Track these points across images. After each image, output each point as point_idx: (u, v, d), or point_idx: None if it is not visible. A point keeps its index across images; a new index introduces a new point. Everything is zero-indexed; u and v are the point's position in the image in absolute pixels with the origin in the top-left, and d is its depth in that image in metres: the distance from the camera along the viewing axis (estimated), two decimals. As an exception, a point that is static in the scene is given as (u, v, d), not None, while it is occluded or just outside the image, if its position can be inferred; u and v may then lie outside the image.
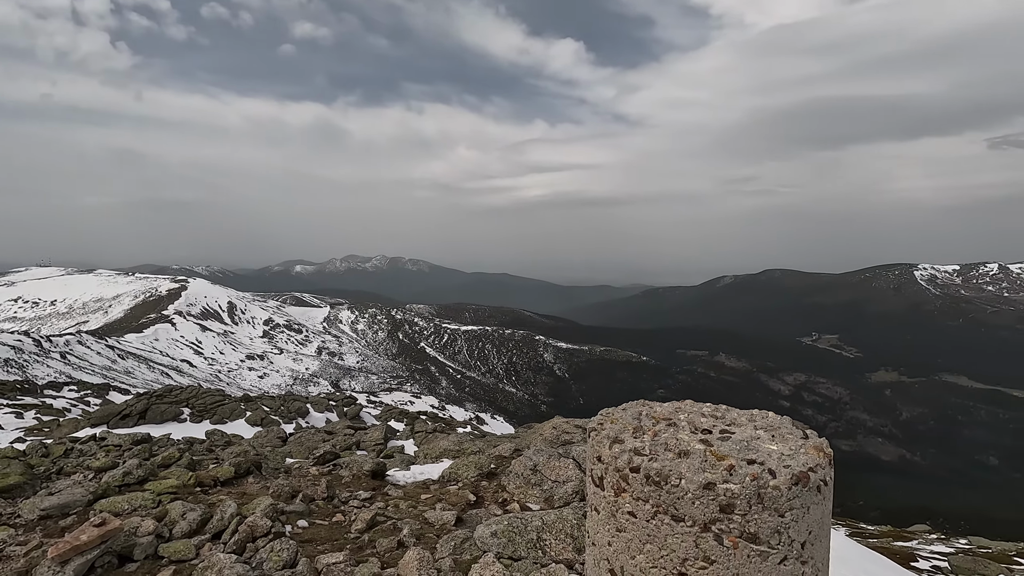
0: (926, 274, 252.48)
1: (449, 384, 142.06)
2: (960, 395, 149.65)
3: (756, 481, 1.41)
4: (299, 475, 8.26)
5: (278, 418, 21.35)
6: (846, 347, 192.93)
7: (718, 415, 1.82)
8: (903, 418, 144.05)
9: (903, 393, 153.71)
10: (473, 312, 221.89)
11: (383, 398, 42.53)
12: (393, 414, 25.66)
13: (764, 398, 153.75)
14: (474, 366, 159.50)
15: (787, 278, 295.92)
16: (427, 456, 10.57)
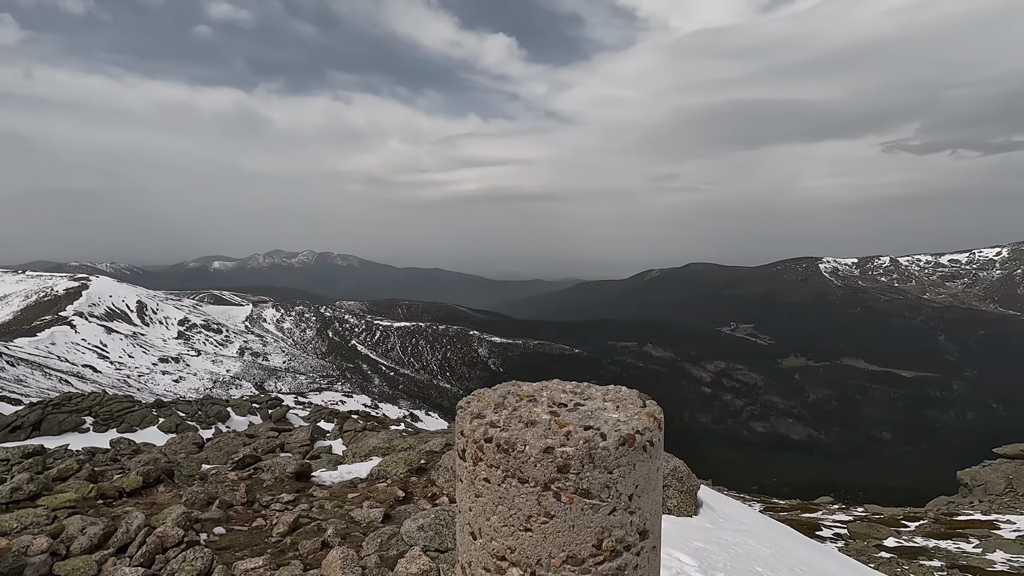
0: (829, 267, 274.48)
1: (382, 382, 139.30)
2: (858, 377, 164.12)
3: (588, 444, 1.66)
4: (216, 481, 7.84)
5: (195, 424, 20.13)
6: (760, 335, 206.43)
7: (578, 391, 1.97)
8: (810, 400, 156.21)
9: (810, 377, 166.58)
10: (406, 308, 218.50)
11: (312, 398, 41.08)
12: (322, 414, 24.87)
13: (688, 385, 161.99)
14: (408, 363, 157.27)
15: (708, 271, 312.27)
16: (356, 455, 10.34)
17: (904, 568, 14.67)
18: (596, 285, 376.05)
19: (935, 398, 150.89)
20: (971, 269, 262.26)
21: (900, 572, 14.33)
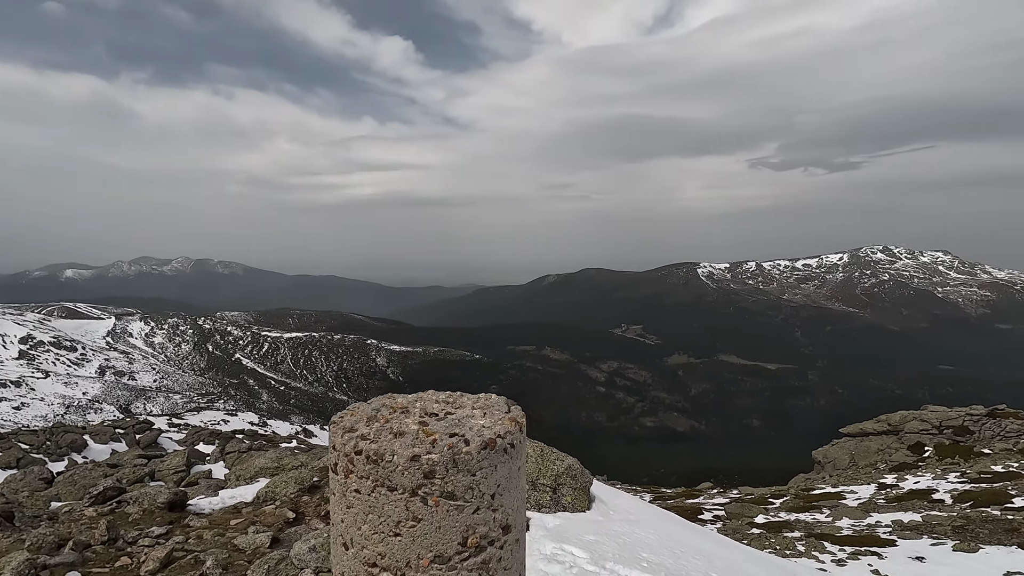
0: (706, 271, 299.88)
1: (271, 397, 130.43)
2: (732, 371, 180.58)
3: (452, 450, 1.78)
4: (69, 520, 6.90)
5: (42, 456, 17.56)
6: (648, 335, 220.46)
7: (450, 401, 2.06)
8: (692, 394, 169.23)
9: (692, 373, 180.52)
10: (297, 318, 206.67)
11: (189, 420, 37.50)
12: (201, 436, 22.77)
13: (584, 385, 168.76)
14: (300, 375, 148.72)
15: (601, 276, 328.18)
16: (240, 478, 9.60)
17: (771, 540, 16.34)
18: (495, 290, 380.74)
19: (794, 387, 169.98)
20: (820, 272, 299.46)
21: (767, 544, 15.94)
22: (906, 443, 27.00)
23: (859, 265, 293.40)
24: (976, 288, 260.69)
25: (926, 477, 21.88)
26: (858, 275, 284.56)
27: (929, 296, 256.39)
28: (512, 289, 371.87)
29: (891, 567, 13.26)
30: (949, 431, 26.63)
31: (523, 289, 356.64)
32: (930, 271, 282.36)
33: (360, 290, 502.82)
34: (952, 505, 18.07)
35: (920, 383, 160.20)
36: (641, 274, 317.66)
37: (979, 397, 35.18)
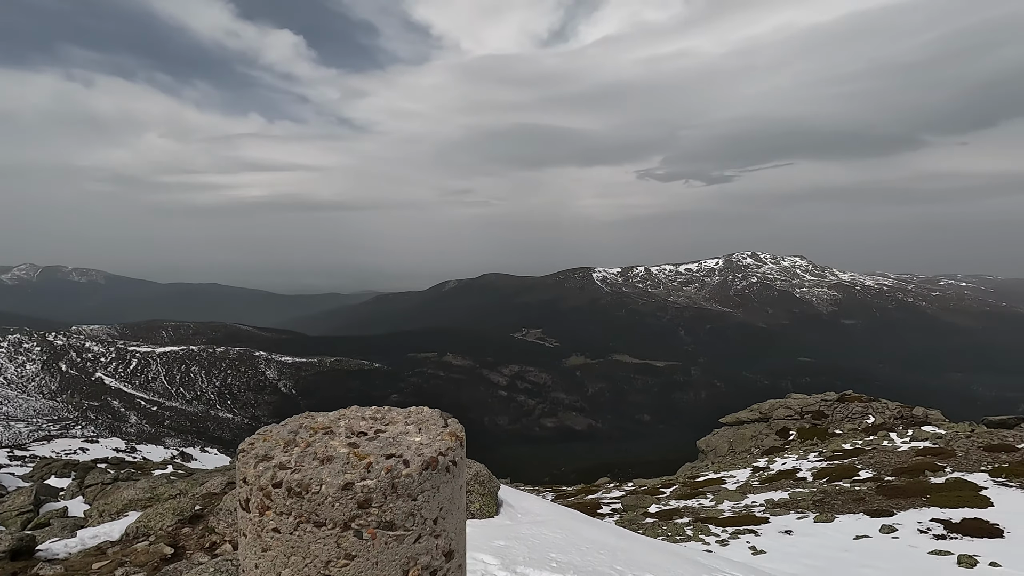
0: (600, 276, 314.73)
1: (141, 419, 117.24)
2: (625, 370, 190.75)
3: (390, 473, 1.60)
4: None
5: None
6: (548, 338, 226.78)
7: (379, 417, 1.87)
8: (589, 393, 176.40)
9: (589, 373, 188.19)
10: (172, 330, 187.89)
11: (37, 451, 32.65)
12: (53, 469, 19.88)
13: (487, 390, 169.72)
14: (176, 394, 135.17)
15: (501, 281, 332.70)
16: (104, 513, 8.48)
17: (663, 528, 17.39)
18: (395, 297, 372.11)
19: (680, 382, 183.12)
20: (700, 276, 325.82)
21: (660, 532, 16.95)
22: (775, 428, 30.03)
23: (732, 269, 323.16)
24: (826, 289, 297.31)
25: (791, 458, 24.45)
26: (731, 278, 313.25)
27: (789, 296, 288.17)
28: (413, 295, 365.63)
29: (765, 542, 14.63)
30: (809, 416, 30.01)
31: (424, 295, 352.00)
32: (790, 274, 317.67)
33: (247, 299, 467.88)
34: (812, 482, 20.36)
35: (784, 374, 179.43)
36: (540, 279, 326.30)
37: (831, 384, 40.11)
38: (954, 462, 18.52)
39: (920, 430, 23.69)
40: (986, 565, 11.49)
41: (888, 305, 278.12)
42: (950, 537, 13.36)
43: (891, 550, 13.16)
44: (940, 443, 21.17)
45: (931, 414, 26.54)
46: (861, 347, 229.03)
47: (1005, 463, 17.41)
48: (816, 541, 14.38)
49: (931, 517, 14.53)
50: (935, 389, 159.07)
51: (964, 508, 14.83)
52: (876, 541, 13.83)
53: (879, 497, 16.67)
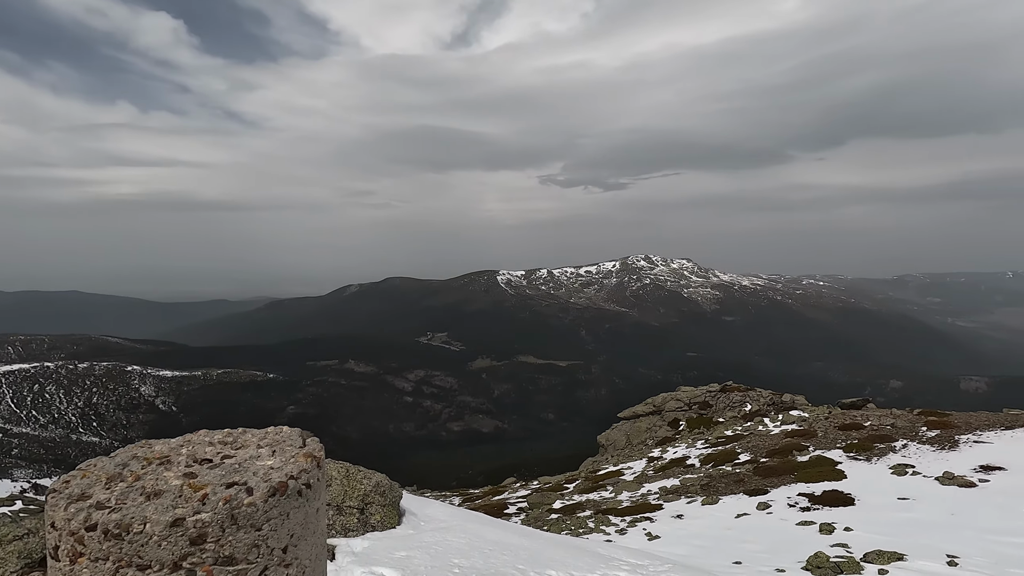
0: (504, 278, 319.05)
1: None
2: (530, 370, 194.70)
3: (229, 504, 1.44)
4: None
5: None
6: (453, 342, 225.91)
7: (229, 441, 1.72)
8: (495, 395, 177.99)
9: (494, 375, 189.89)
10: (22, 345, 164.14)
11: None
12: None
13: (391, 396, 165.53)
14: (28, 418, 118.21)
15: (405, 284, 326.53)
16: (-73, 564, 7.16)
17: (567, 522, 17.92)
18: (292, 303, 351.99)
19: (582, 381, 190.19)
20: (598, 278, 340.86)
21: (564, 526, 17.45)
22: (667, 420, 32.05)
23: (628, 271, 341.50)
24: (710, 289, 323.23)
25: (682, 447, 26.22)
26: (627, 280, 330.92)
27: (678, 296, 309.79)
28: (311, 301, 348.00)
29: (660, 527, 15.56)
30: (696, 406, 32.37)
31: (323, 300, 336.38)
32: (678, 275, 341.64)
33: (117, 308, 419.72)
34: (700, 467, 21.98)
35: (674, 368, 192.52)
36: (445, 282, 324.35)
37: (715, 376, 43.62)
38: (816, 441, 20.84)
39: (788, 414, 26.39)
40: (841, 530, 13.02)
41: (761, 303, 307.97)
42: (813, 508, 15.00)
43: (766, 525, 14.53)
44: (804, 425, 23.71)
45: (797, 400, 29.68)
46: (739, 341, 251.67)
47: (855, 439, 19.87)
48: (704, 522, 15.53)
49: (798, 492, 16.24)
50: (800, 376, 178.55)
51: (824, 482, 16.71)
52: (754, 518, 15.20)
53: (756, 477, 18.34)
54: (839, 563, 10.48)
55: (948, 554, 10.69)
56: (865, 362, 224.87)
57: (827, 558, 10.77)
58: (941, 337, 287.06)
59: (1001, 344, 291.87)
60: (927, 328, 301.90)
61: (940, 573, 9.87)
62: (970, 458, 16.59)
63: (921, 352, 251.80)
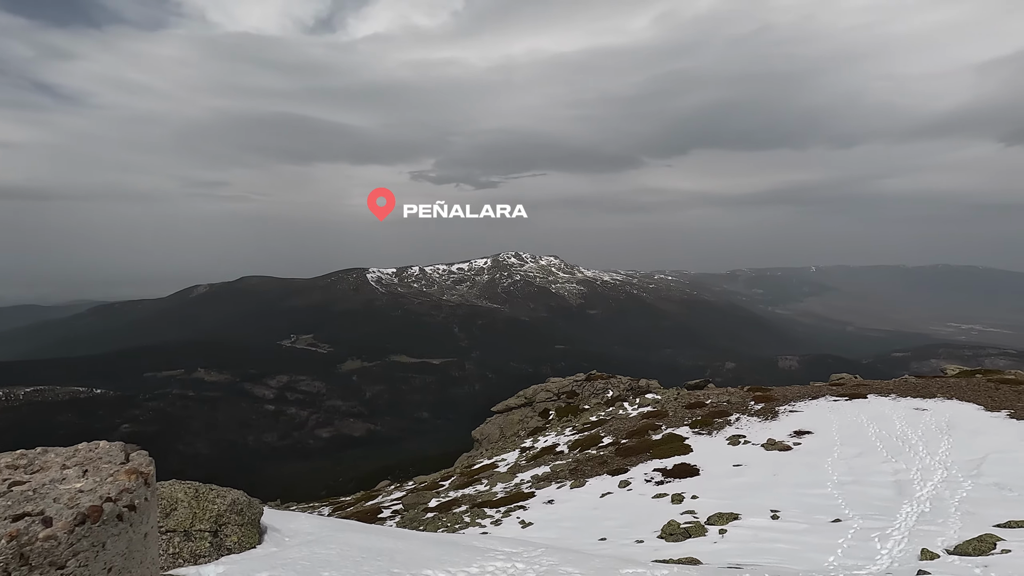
0: (375, 276, 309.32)
1: None
2: (403, 370, 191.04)
3: (18, 540, 1.18)
4: None
5: None
6: (320, 344, 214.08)
7: (22, 463, 1.44)
8: (367, 397, 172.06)
9: (366, 376, 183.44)
10: None
11: None
12: None
13: (250, 406, 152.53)
14: None
15: (264, 284, 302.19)
16: None
17: (443, 520, 17.88)
18: (124, 306, 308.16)
19: (456, 377, 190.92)
20: (471, 275, 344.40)
21: (440, 524, 17.39)
22: (537, 411, 33.35)
23: (499, 268, 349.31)
24: (575, 284, 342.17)
25: (551, 435, 27.46)
26: (498, 276, 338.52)
27: (547, 292, 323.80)
28: (149, 304, 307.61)
29: (533, 514, 16.15)
30: (564, 396, 34.09)
31: (164, 303, 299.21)
32: (546, 272, 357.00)
33: None
34: (568, 453, 23.21)
35: (544, 361, 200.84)
36: (310, 281, 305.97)
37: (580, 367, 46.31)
38: (667, 421, 23.03)
39: (644, 398, 28.84)
40: (689, 498, 14.55)
41: (620, 297, 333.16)
42: (667, 481, 16.56)
43: (627, 501, 15.76)
44: (658, 407, 26.07)
45: (652, 384, 32.57)
46: (602, 332, 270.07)
47: (699, 416, 22.28)
48: (572, 505, 16.42)
49: (653, 468, 17.82)
50: (653, 362, 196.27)
51: (675, 456, 18.50)
52: (617, 495, 16.41)
53: (617, 458, 19.79)
54: (688, 528, 11.70)
55: (772, 509, 12.45)
56: (705, 347, 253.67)
57: (678, 525, 11.97)
58: (763, 323, 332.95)
59: (808, 328, 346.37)
60: (753, 316, 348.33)
61: (766, 526, 11.46)
62: (787, 425, 19.45)
63: (748, 336, 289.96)
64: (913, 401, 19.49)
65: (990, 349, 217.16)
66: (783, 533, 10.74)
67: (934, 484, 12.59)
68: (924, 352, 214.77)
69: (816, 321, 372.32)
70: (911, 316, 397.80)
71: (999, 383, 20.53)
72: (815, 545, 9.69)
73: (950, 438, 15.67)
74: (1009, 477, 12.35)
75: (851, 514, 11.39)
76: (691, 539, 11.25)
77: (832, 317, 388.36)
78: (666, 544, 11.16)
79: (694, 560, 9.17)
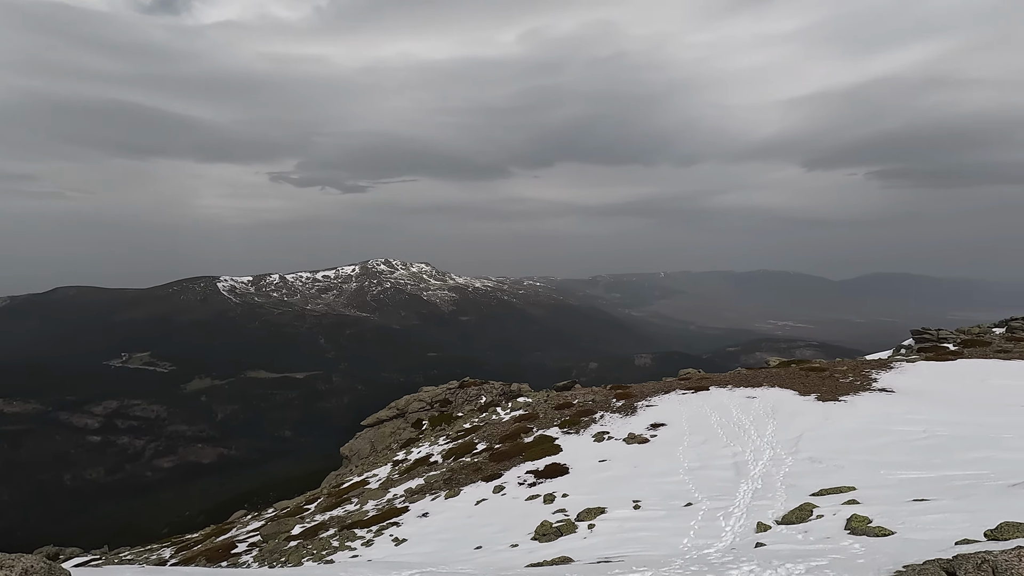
0: (227, 285, 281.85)
1: None
2: (261, 386, 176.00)
3: None
4: None
5: None
6: (160, 362, 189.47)
7: None
8: (219, 419, 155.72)
9: (217, 396, 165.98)
10: None
11: None
12: None
13: (68, 438, 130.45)
14: None
15: (86, 295, 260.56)
16: None
17: (308, 547, 16.61)
18: None
19: (322, 391, 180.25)
20: (337, 283, 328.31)
21: (306, 553, 16.14)
22: (410, 421, 32.57)
23: (368, 275, 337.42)
24: (447, 291, 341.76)
25: (425, 446, 26.94)
26: (367, 284, 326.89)
27: (418, 299, 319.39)
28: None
29: (406, 530, 15.64)
30: (438, 404, 33.69)
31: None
32: (418, 279, 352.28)
33: None
34: (443, 463, 22.91)
35: (417, 369, 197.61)
36: (147, 291, 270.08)
37: (453, 374, 46.12)
38: (538, 423, 23.74)
39: (516, 401, 29.50)
40: (560, 497, 15.07)
41: (491, 303, 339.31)
42: (539, 483, 17.01)
43: (502, 505, 15.91)
44: (529, 410, 26.79)
45: (523, 387, 33.43)
46: (474, 338, 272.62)
47: (568, 416, 23.27)
48: (448, 515, 16.18)
49: (526, 470, 18.22)
50: (524, 366, 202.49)
51: (546, 457, 19.08)
52: (491, 501, 16.49)
53: (492, 463, 19.95)
54: (560, 527, 12.09)
55: (634, 500, 13.33)
56: (571, 348, 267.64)
57: (551, 525, 12.32)
58: (621, 324, 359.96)
59: (659, 327, 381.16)
60: (612, 318, 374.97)
61: (630, 516, 12.23)
62: (645, 419, 21.06)
63: (609, 337, 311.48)
64: (746, 391, 22.18)
65: (799, 342, 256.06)
66: (645, 522, 11.53)
67: (764, 463, 14.39)
68: (751, 346, 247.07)
69: (665, 321, 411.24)
70: (740, 315, 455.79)
71: (808, 371, 24.16)
72: (672, 529, 10.52)
73: (775, 421, 18.06)
74: (819, 451, 14.51)
75: (700, 497, 12.58)
76: (563, 537, 11.63)
77: (678, 317, 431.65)
78: (540, 545, 11.42)
79: (566, 559, 9.46)
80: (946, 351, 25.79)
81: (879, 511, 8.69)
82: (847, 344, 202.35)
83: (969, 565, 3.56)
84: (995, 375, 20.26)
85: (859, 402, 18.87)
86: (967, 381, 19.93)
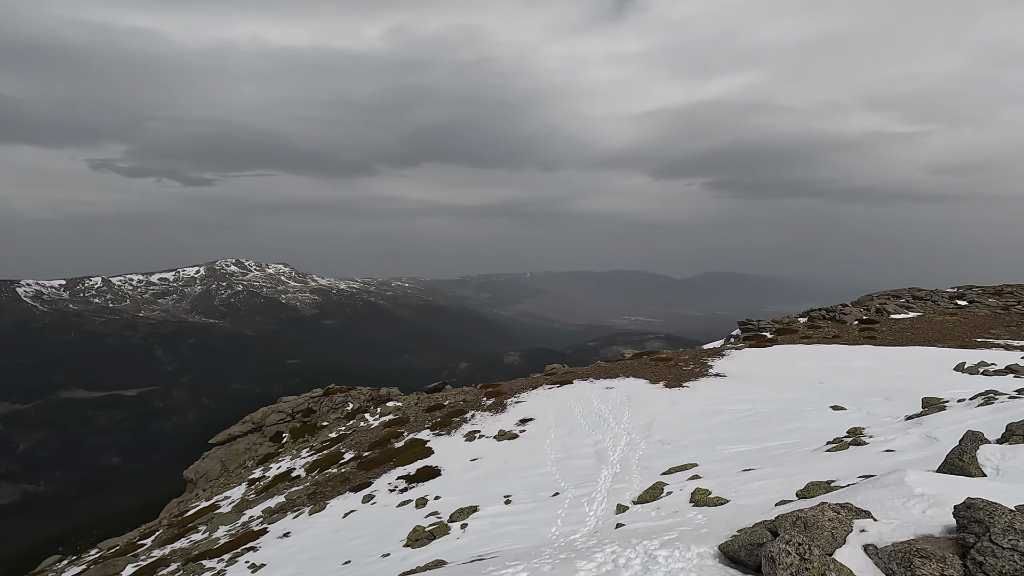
0: (31, 290, 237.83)
1: None
2: (80, 408, 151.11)
3: None
4: None
5: None
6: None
7: None
8: (21, 450, 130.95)
9: (18, 422, 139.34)
10: None
11: None
12: None
13: None
14: None
15: None
16: None
17: (145, 589, 14.60)
18: None
19: (159, 409, 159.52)
20: (178, 286, 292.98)
21: (141, 595, 14.18)
22: (268, 435, 30.13)
23: (216, 277, 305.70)
24: (309, 293, 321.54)
25: (286, 460, 25.09)
26: (215, 287, 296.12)
27: (276, 302, 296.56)
28: None
29: (265, 554, 14.40)
30: (300, 415, 31.55)
31: None
32: (275, 281, 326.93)
33: None
34: (306, 477, 21.49)
35: (275, 378, 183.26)
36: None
37: (317, 381, 43.51)
38: (409, 426, 23.30)
39: (386, 406, 28.66)
40: (433, 500, 14.91)
41: (358, 305, 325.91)
42: (411, 487, 16.68)
43: (372, 515, 15.33)
44: (399, 414, 26.20)
45: (392, 391, 32.59)
46: (340, 343, 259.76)
47: (439, 418, 23.13)
48: (313, 532, 15.21)
49: (397, 476, 17.78)
50: (393, 369, 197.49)
51: (418, 461, 18.78)
52: (361, 512, 15.82)
53: (360, 472, 19.15)
54: (433, 530, 11.95)
55: (505, 495, 13.63)
56: (442, 349, 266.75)
57: (424, 529, 12.14)
58: (490, 324, 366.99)
59: (526, 326, 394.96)
60: (481, 318, 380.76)
61: (502, 512, 12.47)
62: (514, 415, 21.65)
63: (478, 336, 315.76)
64: (605, 382, 23.81)
65: (649, 335, 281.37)
66: (515, 515, 11.83)
67: (621, 448, 15.55)
68: (608, 340, 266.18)
69: (532, 320, 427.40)
70: (598, 311, 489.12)
71: (657, 361, 26.62)
72: (541, 520, 10.92)
73: (630, 409, 19.61)
74: (668, 434, 16.04)
75: (566, 486, 13.23)
76: (436, 540, 11.51)
77: (543, 315, 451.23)
78: (412, 551, 11.18)
79: (439, 562, 9.38)
80: (765, 339, 30.02)
81: (716, 483, 9.83)
82: (689, 335, 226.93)
83: (787, 523, 4.13)
84: (801, 358, 24.00)
85: (699, 387, 21.21)
86: (781, 364, 23.36)
